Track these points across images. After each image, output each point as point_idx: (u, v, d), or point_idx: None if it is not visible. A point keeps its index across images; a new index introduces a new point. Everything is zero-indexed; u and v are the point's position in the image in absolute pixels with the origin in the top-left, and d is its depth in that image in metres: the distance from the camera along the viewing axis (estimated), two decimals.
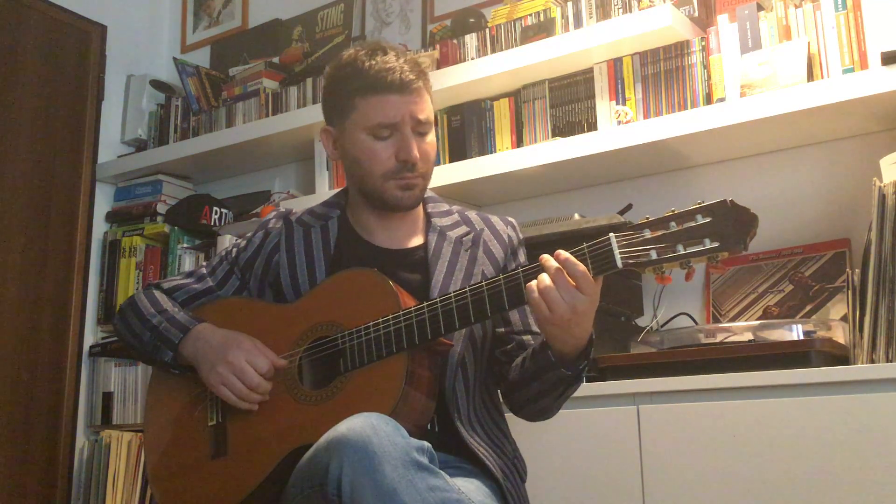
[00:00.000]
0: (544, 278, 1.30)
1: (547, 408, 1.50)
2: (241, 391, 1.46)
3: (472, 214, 1.65)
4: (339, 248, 1.58)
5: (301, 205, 2.60)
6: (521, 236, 1.67)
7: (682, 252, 1.23)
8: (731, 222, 1.21)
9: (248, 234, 1.68)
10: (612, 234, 1.27)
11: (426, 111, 1.52)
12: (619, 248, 1.26)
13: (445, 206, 1.66)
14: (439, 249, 1.56)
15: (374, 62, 1.50)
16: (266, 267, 1.61)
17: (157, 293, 1.65)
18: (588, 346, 1.40)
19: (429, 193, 1.64)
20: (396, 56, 1.52)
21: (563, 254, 1.29)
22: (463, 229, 1.61)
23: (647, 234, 1.26)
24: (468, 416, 1.48)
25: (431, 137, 1.55)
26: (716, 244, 1.21)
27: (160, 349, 1.56)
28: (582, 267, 1.28)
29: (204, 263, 1.72)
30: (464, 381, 1.49)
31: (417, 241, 1.60)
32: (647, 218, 1.27)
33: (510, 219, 1.67)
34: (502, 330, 1.57)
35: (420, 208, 1.62)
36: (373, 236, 1.59)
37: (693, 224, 1.23)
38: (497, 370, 1.58)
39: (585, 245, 1.29)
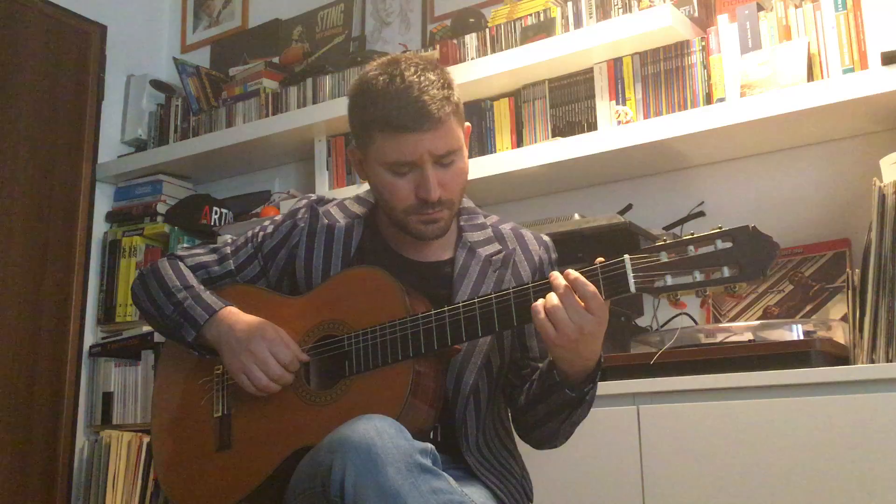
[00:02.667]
0: (552, 297, 1.27)
1: (553, 433, 1.47)
2: (261, 382, 1.43)
3: (507, 230, 1.58)
4: (360, 251, 1.54)
5: None
6: (554, 257, 1.60)
7: (699, 279, 1.19)
8: (752, 250, 1.16)
9: (277, 219, 1.61)
10: (626, 256, 1.23)
11: (448, 143, 1.41)
12: (634, 271, 1.22)
13: (480, 219, 1.58)
14: (466, 267, 1.50)
15: (390, 92, 1.39)
16: (288, 259, 1.57)
17: (182, 266, 1.60)
18: (596, 369, 1.37)
19: (465, 203, 1.58)
20: (418, 80, 1.39)
21: (573, 273, 1.26)
22: (494, 247, 1.54)
23: (664, 257, 1.21)
24: (476, 445, 1.46)
25: (458, 164, 1.45)
26: (734, 272, 1.17)
27: (183, 326, 1.51)
28: (592, 287, 1.24)
29: (230, 241, 1.65)
30: (475, 410, 1.47)
31: (446, 254, 1.54)
32: (665, 239, 1.24)
33: (545, 238, 1.60)
34: (519, 355, 1.54)
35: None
36: (399, 245, 1.54)
37: (712, 249, 1.18)
38: (510, 394, 1.55)
39: (599, 265, 1.26)
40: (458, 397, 1.44)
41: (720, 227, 1.20)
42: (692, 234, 1.22)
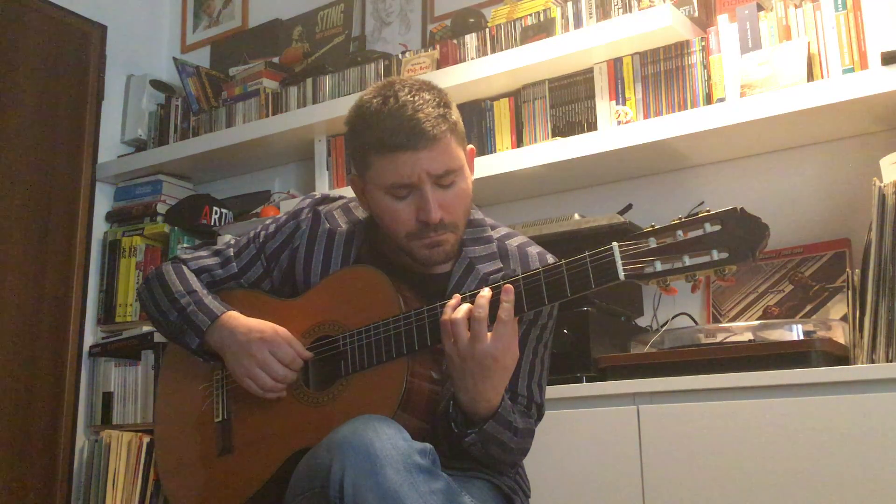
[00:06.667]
0: (463, 307, 1.29)
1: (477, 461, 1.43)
2: (266, 384, 1.44)
3: (513, 246, 1.53)
4: (360, 257, 1.52)
5: None
6: None
7: (688, 264, 1.18)
8: (741, 232, 1.15)
9: (280, 219, 1.60)
10: (615, 244, 1.23)
11: (446, 162, 1.38)
12: (622, 258, 1.21)
13: (487, 232, 1.53)
14: (461, 285, 1.47)
15: (384, 113, 1.37)
16: (290, 260, 1.56)
17: (186, 270, 1.60)
18: (489, 417, 1.34)
19: (476, 215, 1.54)
20: (412, 99, 1.37)
21: (504, 303, 1.29)
22: (495, 265, 1.49)
23: (653, 243, 1.20)
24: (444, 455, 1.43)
25: (459, 185, 1.41)
26: (724, 255, 1.15)
27: (187, 333, 1.51)
28: (508, 315, 1.27)
29: (232, 242, 1.64)
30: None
31: (444, 267, 1.50)
32: (654, 226, 1.22)
33: (550, 260, 1.51)
34: None
35: None
36: (398, 253, 1.51)
37: (701, 233, 1.17)
38: None
39: (587, 253, 1.25)
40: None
41: (708, 210, 1.19)
42: (680, 217, 1.21)
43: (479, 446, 1.37)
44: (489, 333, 1.29)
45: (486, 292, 1.31)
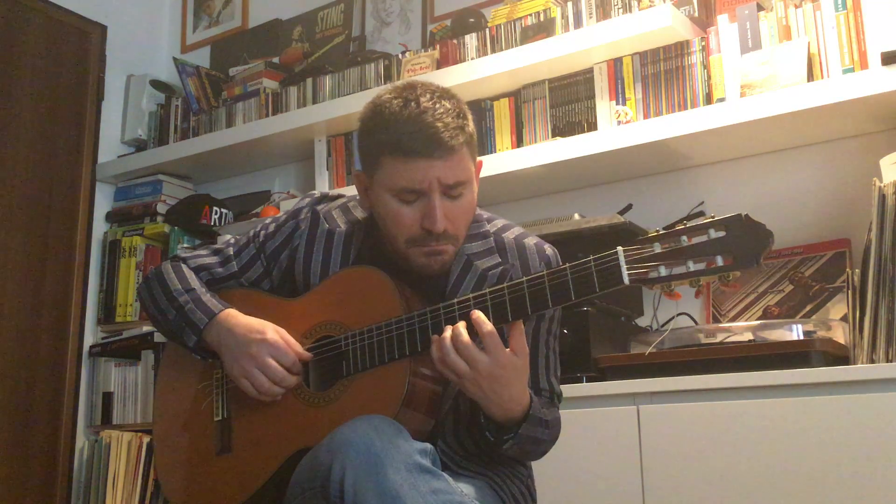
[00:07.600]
0: (447, 329, 1.30)
1: (499, 460, 1.44)
2: (263, 386, 1.43)
3: (510, 238, 1.52)
4: (359, 258, 1.52)
5: None
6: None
7: (692, 269, 1.18)
8: (746, 238, 1.16)
9: (280, 219, 1.60)
10: (619, 249, 1.23)
11: (458, 174, 1.38)
12: (627, 263, 1.22)
13: (483, 227, 1.52)
14: (460, 283, 1.46)
15: (403, 116, 1.36)
16: (289, 261, 1.56)
17: (185, 268, 1.59)
18: (521, 420, 1.34)
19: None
20: (433, 106, 1.37)
21: (476, 313, 1.30)
22: (494, 259, 1.48)
23: (657, 248, 1.20)
24: (454, 461, 1.44)
25: (466, 197, 1.41)
26: (728, 262, 1.16)
27: (184, 331, 1.51)
28: (489, 327, 1.27)
29: (232, 241, 1.64)
30: (454, 425, 1.45)
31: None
32: (658, 230, 1.22)
33: (549, 252, 1.51)
34: None
35: None
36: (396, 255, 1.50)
37: (705, 239, 1.18)
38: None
39: (592, 258, 1.25)
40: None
41: (713, 216, 1.20)
42: (685, 224, 1.21)
43: (517, 449, 1.38)
44: (482, 351, 1.29)
45: (474, 312, 1.31)
